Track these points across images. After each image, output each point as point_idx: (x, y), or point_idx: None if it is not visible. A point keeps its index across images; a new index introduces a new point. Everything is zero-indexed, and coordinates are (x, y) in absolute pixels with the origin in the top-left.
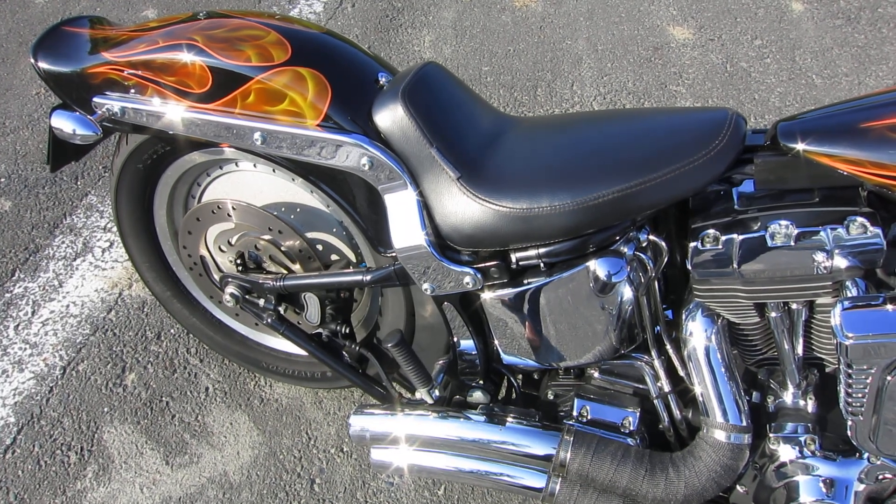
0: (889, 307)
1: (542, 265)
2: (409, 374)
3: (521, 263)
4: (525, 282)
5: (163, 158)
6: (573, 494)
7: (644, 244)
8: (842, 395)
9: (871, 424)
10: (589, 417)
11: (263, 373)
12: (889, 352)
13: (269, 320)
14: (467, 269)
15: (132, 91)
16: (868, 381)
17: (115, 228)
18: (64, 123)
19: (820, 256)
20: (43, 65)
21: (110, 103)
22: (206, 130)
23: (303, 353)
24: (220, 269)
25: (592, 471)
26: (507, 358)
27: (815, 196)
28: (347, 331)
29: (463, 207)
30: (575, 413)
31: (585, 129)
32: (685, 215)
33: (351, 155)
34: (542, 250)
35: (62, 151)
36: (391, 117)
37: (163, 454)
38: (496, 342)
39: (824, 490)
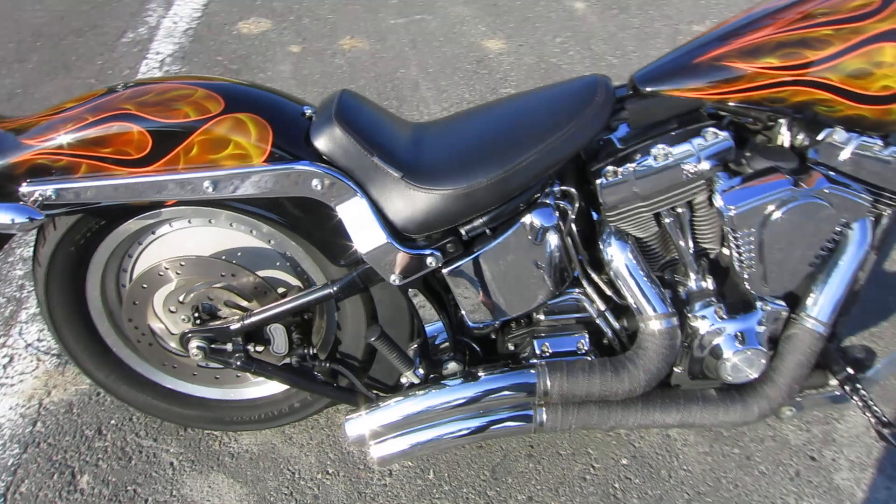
0: (749, 183)
1: (487, 231)
2: (393, 361)
3: (470, 234)
4: (476, 249)
5: (96, 235)
6: (558, 416)
7: (559, 194)
8: (734, 259)
9: (761, 271)
10: (550, 351)
11: (227, 427)
12: (760, 212)
13: (238, 363)
14: (427, 251)
15: (63, 172)
16: (751, 238)
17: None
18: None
19: (692, 163)
20: None
21: (42, 188)
22: (151, 192)
23: (263, 394)
24: (171, 332)
25: (570, 389)
26: (471, 323)
27: (674, 123)
28: (314, 352)
29: (412, 200)
30: (538, 352)
31: (491, 115)
32: (580, 168)
33: (302, 180)
34: (485, 218)
35: None
36: (330, 138)
37: None
38: (462, 311)
39: (738, 343)
